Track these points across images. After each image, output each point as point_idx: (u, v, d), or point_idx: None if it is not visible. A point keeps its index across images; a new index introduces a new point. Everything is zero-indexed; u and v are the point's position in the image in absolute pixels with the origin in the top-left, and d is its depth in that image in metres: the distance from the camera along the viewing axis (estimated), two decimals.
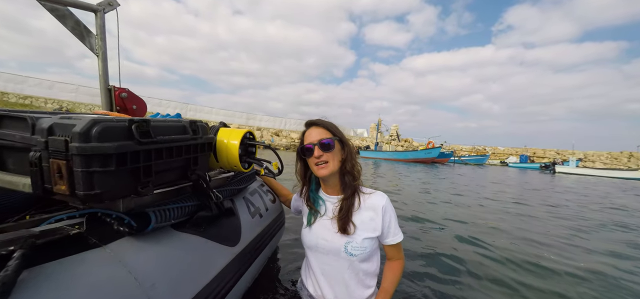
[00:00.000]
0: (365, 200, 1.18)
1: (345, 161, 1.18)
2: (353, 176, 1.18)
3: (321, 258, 1.20)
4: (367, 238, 1.13)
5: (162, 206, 0.88)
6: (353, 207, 1.16)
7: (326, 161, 1.14)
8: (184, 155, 0.92)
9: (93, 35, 1.96)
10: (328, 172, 1.15)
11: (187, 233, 0.96)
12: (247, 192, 1.47)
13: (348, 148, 1.20)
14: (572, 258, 2.78)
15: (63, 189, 0.69)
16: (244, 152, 1.19)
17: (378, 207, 1.16)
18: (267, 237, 1.46)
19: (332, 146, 1.14)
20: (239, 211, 1.28)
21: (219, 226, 1.10)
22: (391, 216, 1.17)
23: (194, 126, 0.96)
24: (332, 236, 1.17)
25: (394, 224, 1.18)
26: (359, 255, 1.13)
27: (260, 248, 1.37)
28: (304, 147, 1.18)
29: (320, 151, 1.14)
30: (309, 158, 1.18)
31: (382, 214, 1.15)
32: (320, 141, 1.14)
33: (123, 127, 0.72)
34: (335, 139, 1.16)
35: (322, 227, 1.20)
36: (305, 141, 1.19)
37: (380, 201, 1.17)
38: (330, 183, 1.22)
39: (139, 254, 0.79)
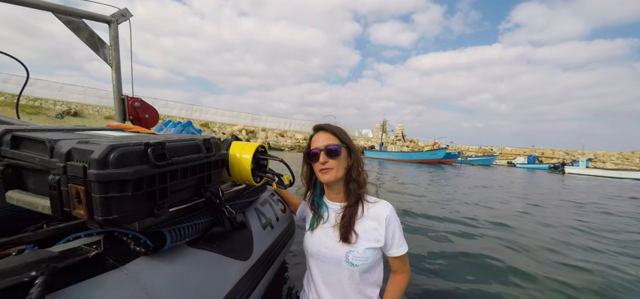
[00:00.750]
0: (368, 209, 1.16)
1: (351, 168, 1.17)
2: (358, 184, 1.16)
3: (322, 266, 1.18)
4: (369, 247, 1.11)
5: (176, 225, 0.89)
6: (356, 216, 1.14)
7: (331, 168, 1.13)
8: (198, 174, 0.92)
9: (107, 46, 2.00)
10: (332, 179, 1.14)
11: (200, 249, 0.97)
12: (258, 203, 1.47)
13: (355, 155, 1.18)
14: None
15: (81, 213, 0.70)
16: (256, 165, 1.19)
17: (382, 216, 1.13)
18: (278, 248, 1.46)
19: (338, 153, 1.13)
20: (250, 223, 1.28)
21: (231, 240, 1.10)
22: (395, 226, 1.14)
23: (208, 144, 0.96)
24: (333, 244, 1.15)
25: (398, 235, 1.14)
26: (360, 266, 1.10)
27: (272, 260, 1.37)
28: (310, 152, 1.17)
29: (325, 157, 1.13)
30: (315, 163, 1.17)
31: (386, 224, 1.13)
32: (326, 147, 1.13)
33: (139, 151, 0.72)
34: (343, 145, 1.15)
35: (324, 234, 1.19)
36: (312, 146, 1.19)
37: (384, 211, 1.14)
38: (334, 189, 1.21)
39: (155, 274, 0.80)
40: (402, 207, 4.81)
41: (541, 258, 2.84)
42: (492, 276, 2.37)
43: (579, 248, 3.24)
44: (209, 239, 1.01)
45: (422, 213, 4.48)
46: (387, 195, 6.32)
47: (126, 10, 2.03)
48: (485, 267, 2.56)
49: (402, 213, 4.43)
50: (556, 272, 2.53)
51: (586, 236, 3.83)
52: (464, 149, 50.61)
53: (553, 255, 2.95)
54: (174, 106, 43.79)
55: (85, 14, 1.91)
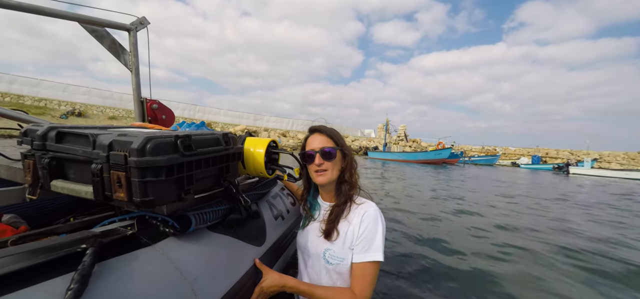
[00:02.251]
0: (354, 209, 1.16)
1: (344, 170, 1.20)
2: (350, 185, 1.19)
3: (307, 260, 1.24)
4: (347, 248, 1.11)
5: (200, 210, 0.98)
6: (341, 215, 1.15)
7: (325, 170, 1.16)
8: (218, 164, 1.02)
9: (127, 52, 2.11)
10: (326, 181, 1.17)
11: (220, 234, 1.06)
12: (270, 195, 1.57)
13: (349, 158, 1.22)
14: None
15: (122, 196, 0.80)
16: (269, 159, 1.29)
17: (361, 215, 1.12)
18: (289, 238, 1.56)
19: (333, 155, 1.16)
20: (263, 213, 1.38)
21: (247, 227, 1.20)
22: (371, 227, 1.08)
23: (227, 138, 1.06)
24: (316, 240, 1.19)
25: (367, 237, 1.07)
26: (335, 265, 1.11)
27: (283, 248, 1.46)
28: (306, 154, 1.20)
29: (321, 159, 1.16)
30: (310, 165, 1.20)
31: (360, 220, 1.10)
32: (322, 149, 1.16)
33: (170, 142, 0.82)
34: (337, 148, 1.18)
35: (312, 230, 1.24)
36: (307, 147, 1.21)
37: (366, 209, 1.13)
38: (326, 190, 1.25)
39: (182, 252, 0.89)
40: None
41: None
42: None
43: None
44: (228, 224, 1.10)
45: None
46: (400, 200, 6.14)
47: (144, 19, 2.14)
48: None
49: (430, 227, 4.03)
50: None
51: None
52: (467, 149, 50.50)
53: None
54: (177, 106, 44.07)
55: (108, 23, 2.03)
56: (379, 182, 9.36)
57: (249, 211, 1.17)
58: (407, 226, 3.89)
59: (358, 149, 41.15)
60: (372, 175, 11.58)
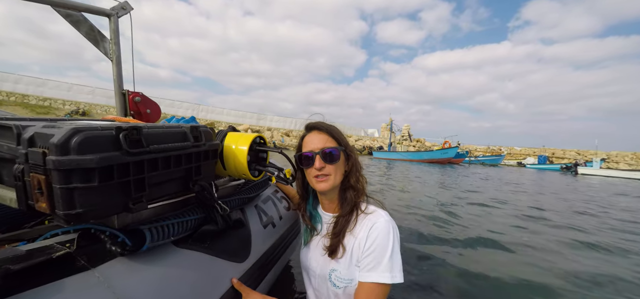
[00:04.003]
0: (362, 220, 0.96)
1: (349, 174, 1.01)
2: (356, 191, 0.99)
3: (314, 282, 1.06)
4: (354, 266, 0.93)
5: (160, 222, 0.78)
6: (347, 227, 0.96)
7: (328, 174, 0.96)
8: (184, 164, 0.82)
9: (107, 39, 1.93)
10: (329, 187, 0.97)
11: (189, 250, 0.86)
12: (259, 200, 1.37)
13: (353, 159, 1.02)
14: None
15: (44, 206, 0.60)
16: (254, 158, 1.08)
17: (369, 227, 0.93)
18: (281, 249, 1.35)
19: (336, 157, 0.97)
20: (249, 221, 1.18)
21: (226, 240, 1.00)
22: (381, 241, 0.89)
23: (196, 132, 0.86)
24: (320, 259, 1.02)
25: (376, 253, 0.88)
26: (343, 288, 0.94)
27: (273, 261, 1.26)
28: (303, 156, 1.00)
29: (322, 162, 0.95)
30: (308, 169, 0.99)
31: (367, 233, 0.92)
32: (322, 150, 0.96)
33: (109, 136, 0.62)
34: (341, 149, 0.98)
35: (315, 247, 1.06)
36: (304, 148, 1.01)
37: (375, 220, 0.93)
38: (328, 198, 1.04)
39: (132, 277, 0.69)
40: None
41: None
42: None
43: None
44: (200, 238, 0.90)
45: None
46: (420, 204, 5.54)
47: (126, 3, 1.95)
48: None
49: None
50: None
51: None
52: (472, 148, 49.96)
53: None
54: (180, 106, 44.13)
55: (84, 7, 1.84)
56: (392, 182, 9.07)
57: (227, 220, 0.97)
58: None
59: (362, 149, 40.93)
60: (378, 173, 11.35)
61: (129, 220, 0.77)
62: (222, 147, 1.05)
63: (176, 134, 0.80)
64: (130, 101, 1.89)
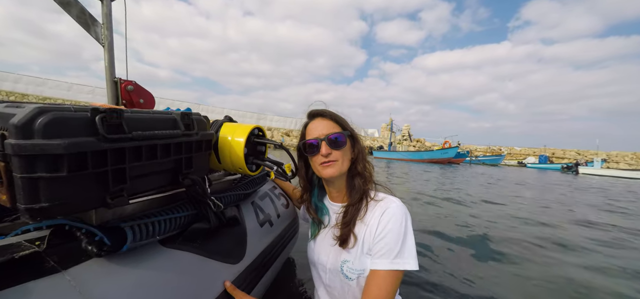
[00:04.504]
0: (372, 207, 0.92)
1: (355, 161, 0.97)
2: (364, 179, 0.96)
3: (324, 277, 1.00)
4: (365, 254, 0.89)
5: (144, 219, 0.70)
6: (357, 215, 0.92)
7: (335, 160, 0.92)
8: (173, 155, 0.74)
9: (99, 24, 1.84)
10: (336, 172, 0.93)
11: (178, 250, 0.78)
12: (256, 196, 1.28)
13: (359, 145, 0.99)
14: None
15: (4, 199, 0.52)
16: (252, 151, 1.00)
17: (380, 213, 0.89)
18: (279, 248, 1.27)
19: (342, 143, 0.93)
20: (245, 219, 1.10)
21: (219, 239, 0.91)
22: (393, 226, 0.85)
23: (187, 120, 0.78)
24: (331, 251, 0.96)
25: (389, 239, 0.84)
26: (356, 279, 0.89)
27: (270, 262, 1.18)
28: (306, 144, 0.96)
29: (328, 148, 0.92)
30: (313, 156, 0.95)
31: (378, 220, 0.87)
32: (328, 136, 0.92)
33: (82, 118, 0.54)
34: (346, 134, 0.95)
35: (324, 240, 1.01)
36: (308, 136, 0.97)
37: (386, 206, 0.89)
38: (335, 187, 1.00)
39: (109, 281, 0.61)
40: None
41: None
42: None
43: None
44: (190, 237, 0.82)
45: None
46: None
47: None
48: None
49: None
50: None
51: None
52: (472, 148, 49.88)
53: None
54: (180, 106, 44.07)
55: None
56: (400, 180, 8.93)
57: (221, 218, 0.88)
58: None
59: None
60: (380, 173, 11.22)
61: (110, 216, 0.69)
62: (217, 138, 0.96)
63: (164, 120, 0.72)
64: (123, 90, 1.80)
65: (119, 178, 0.61)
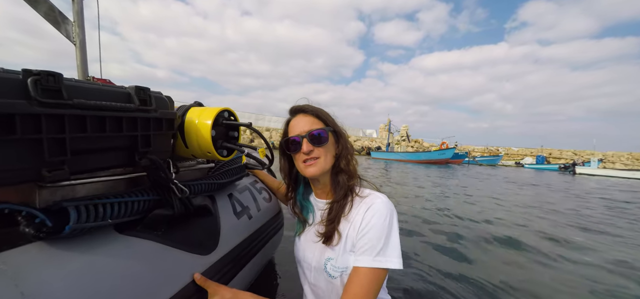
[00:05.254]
0: (357, 204, 0.89)
1: (339, 157, 0.94)
2: (348, 175, 0.93)
3: (309, 275, 0.98)
4: (348, 252, 0.86)
5: (94, 200, 0.64)
6: (342, 212, 0.89)
7: (317, 157, 0.90)
8: (126, 131, 0.67)
9: (69, 22, 1.77)
10: (319, 171, 0.91)
11: (137, 238, 0.72)
12: (234, 189, 1.22)
13: (343, 141, 0.96)
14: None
15: None
16: (221, 135, 0.94)
17: (364, 210, 0.86)
18: (258, 243, 1.21)
19: (324, 139, 0.91)
20: (220, 210, 1.03)
21: (187, 228, 0.85)
22: (377, 222, 0.82)
23: (144, 95, 0.71)
24: (315, 248, 0.94)
25: (372, 235, 0.81)
26: (339, 276, 0.87)
27: (247, 256, 1.12)
28: (289, 141, 0.93)
29: (310, 145, 0.89)
30: (296, 154, 0.93)
31: (362, 216, 0.85)
32: (310, 133, 0.90)
33: (12, 80, 0.48)
34: (329, 130, 0.93)
35: (308, 238, 0.98)
36: (290, 133, 0.95)
37: (371, 202, 0.86)
38: (320, 184, 0.98)
39: (50, 266, 0.55)
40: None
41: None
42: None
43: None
44: (151, 224, 0.76)
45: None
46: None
47: None
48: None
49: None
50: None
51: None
52: (470, 149, 50.03)
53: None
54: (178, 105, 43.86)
55: None
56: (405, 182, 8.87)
57: (187, 205, 0.82)
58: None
59: (361, 149, 40.94)
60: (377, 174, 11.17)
61: (59, 197, 0.63)
62: (183, 121, 0.90)
63: (115, 93, 0.66)
64: None
65: (57, 149, 0.54)
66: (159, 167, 0.75)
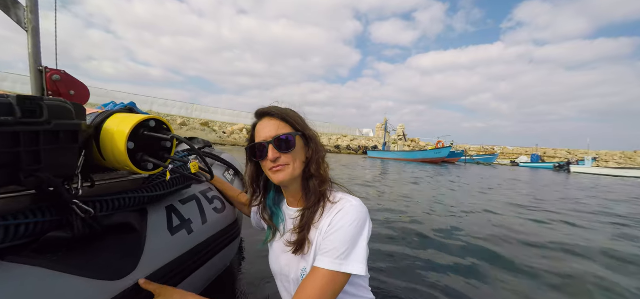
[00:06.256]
0: (329, 210, 0.85)
1: (309, 161, 0.90)
2: (320, 180, 0.89)
3: (289, 286, 0.94)
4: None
5: None
6: (313, 220, 0.86)
7: (286, 164, 0.86)
8: (3, 147, 0.59)
9: (21, 6, 1.66)
10: (288, 178, 0.87)
11: (22, 265, 0.63)
12: (175, 200, 1.14)
13: (314, 144, 0.92)
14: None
15: None
16: (144, 146, 0.85)
17: (334, 214, 0.82)
18: (202, 257, 1.13)
19: (292, 144, 0.86)
20: (150, 226, 0.95)
21: (93, 251, 0.77)
22: (343, 224, 0.78)
23: (30, 105, 0.63)
24: (289, 259, 0.91)
25: (335, 238, 0.77)
26: None
27: (186, 271, 1.03)
28: (255, 147, 0.89)
29: (276, 152, 0.85)
30: (263, 161, 0.89)
31: (330, 220, 0.81)
32: (275, 139, 0.85)
33: None
34: (297, 134, 0.88)
35: (283, 248, 0.94)
36: (256, 138, 0.90)
37: (341, 207, 0.82)
38: (290, 192, 0.95)
39: None
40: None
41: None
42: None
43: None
44: (43, 248, 0.68)
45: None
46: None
47: None
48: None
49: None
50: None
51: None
52: (466, 148, 50.26)
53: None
54: (174, 105, 43.56)
55: None
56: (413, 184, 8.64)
57: (94, 225, 0.74)
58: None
59: (357, 149, 40.95)
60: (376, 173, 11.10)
61: None
62: (101, 130, 0.82)
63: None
64: (48, 80, 1.63)
65: None
66: (54, 186, 0.67)
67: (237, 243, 1.48)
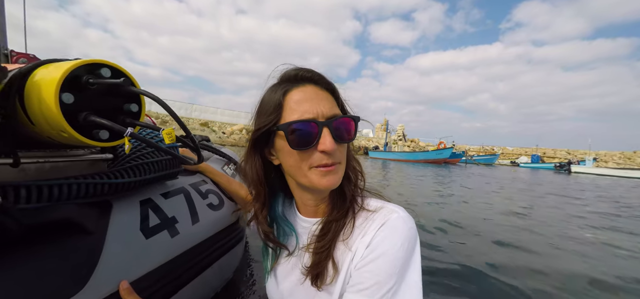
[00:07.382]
0: (363, 223, 0.58)
1: (349, 158, 0.63)
2: (353, 183, 0.64)
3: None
4: (354, 293, 0.54)
5: None
6: (340, 236, 0.58)
7: (339, 161, 0.58)
8: None
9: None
10: (339, 182, 0.58)
11: None
12: (154, 192, 0.86)
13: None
14: None
15: None
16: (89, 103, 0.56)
17: (375, 229, 0.55)
18: (188, 270, 0.84)
19: (353, 135, 0.60)
20: (112, 226, 0.67)
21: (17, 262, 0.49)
22: (387, 249, 0.52)
23: None
24: (301, 291, 0.62)
25: (381, 269, 0.51)
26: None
27: (163, 292, 0.75)
28: (293, 129, 0.54)
29: (333, 143, 0.54)
30: (305, 150, 0.55)
31: (371, 238, 0.54)
32: (335, 120, 0.55)
33: None
34: (356, 119, 0.61)
35: (291, 272, 0.66)
36: (291, 114, 0.55)
37: (385, 218, 0.55)
38: (314, 197, 0.63)
39: None
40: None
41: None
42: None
43: None
44: None
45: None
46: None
47: None
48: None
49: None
50: None
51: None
52: (465, 148, 50.13)
53: None
54: (173, 105, 42.68)
55: None
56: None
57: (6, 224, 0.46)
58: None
59: (358, 149, 40.78)
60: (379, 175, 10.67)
61: None
62: (24, 85, 0.54)
63: None
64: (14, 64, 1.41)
65: None
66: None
67: (240, 249, 1.19)
